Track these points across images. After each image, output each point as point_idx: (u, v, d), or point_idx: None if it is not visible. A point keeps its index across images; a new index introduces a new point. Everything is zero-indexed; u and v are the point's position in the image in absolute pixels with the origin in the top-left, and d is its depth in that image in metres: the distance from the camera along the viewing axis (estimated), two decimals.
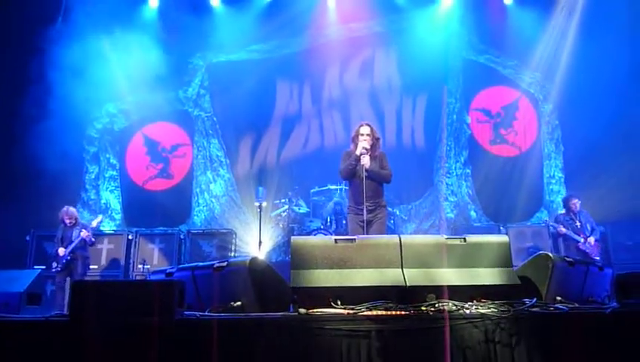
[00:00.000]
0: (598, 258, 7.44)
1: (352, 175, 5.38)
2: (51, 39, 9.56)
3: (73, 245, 7.39)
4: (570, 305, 3.25)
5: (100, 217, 8.00)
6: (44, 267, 7.91)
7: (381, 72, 10.60)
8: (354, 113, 10.21)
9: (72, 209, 7.74)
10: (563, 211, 8.08)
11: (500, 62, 10.54)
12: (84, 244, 7.55)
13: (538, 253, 3.77)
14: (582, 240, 7.52)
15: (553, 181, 10.23)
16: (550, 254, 3.62)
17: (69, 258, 7.39)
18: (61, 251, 7.39)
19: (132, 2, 10.15)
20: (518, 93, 10.52)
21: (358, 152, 5.27)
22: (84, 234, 7.42)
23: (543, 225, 8.90)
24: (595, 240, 7.59)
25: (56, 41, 9.65)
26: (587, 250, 7.47)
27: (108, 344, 2.74)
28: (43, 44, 9.54)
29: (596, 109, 9.31)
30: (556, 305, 3.19)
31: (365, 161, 5.21)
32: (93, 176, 10.20)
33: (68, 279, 7.40)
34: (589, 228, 7.64)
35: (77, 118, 9.67)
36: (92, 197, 10.10)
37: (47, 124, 9.08)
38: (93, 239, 7.65)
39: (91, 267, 8.14)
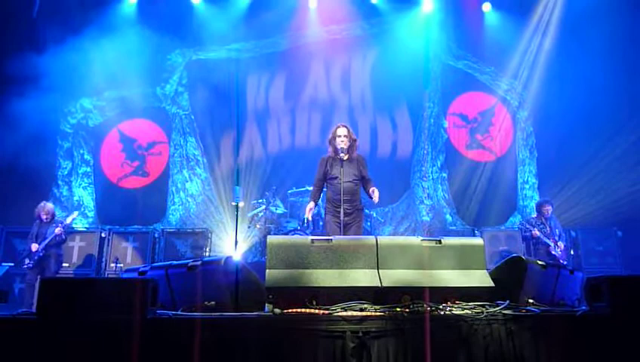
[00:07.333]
0: (565, 262, 7.65)
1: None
2: (25, 33, 9.33)
3: (47, 241, 7.21)
4: (542, 308, 3.30)
5: (75, 214, 7.80)
6: (12, 264, 7.70)
7: (361, 74, 10.62)
8: (332, 114, 10.19)
9: (49, 205, 7.55)
10: (535, 215, 8.23)
11: (477, 69, 10.69)
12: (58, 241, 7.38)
13: (511, 256, 3.82)
14: (552, 244, 7.69)
15: (527, 186, 10.41)
16: (523, 257, 3.68)
17: (41, 255, 7.21)
18: (34, 247, 7.20)
19: None
20: (495, 100, 10.68)
21: (308, 216, 5.54)
22: (57, 230, 7.25)
23: (517, 228, 9.06)
24: (564, 246, 7.79)
25: (29, 34, 9.43)
26: (557, 255, 7.64)
27: (77, 342, 2.67)
28: (16, 38, 9.30)
29: (569, 117, 9.60)
30: (528, 307, 3.24)
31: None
32: (66, 172, 9.97)
33: (39, 277, 7.21)
34: (557, 233, 7.83)
35: (50, 112, 9.46)
36: (64, 193, 9.87)
37: (19, 118, 8.85)
38: (64, 236, 7.46)
39: (63, 265, 7.95)
